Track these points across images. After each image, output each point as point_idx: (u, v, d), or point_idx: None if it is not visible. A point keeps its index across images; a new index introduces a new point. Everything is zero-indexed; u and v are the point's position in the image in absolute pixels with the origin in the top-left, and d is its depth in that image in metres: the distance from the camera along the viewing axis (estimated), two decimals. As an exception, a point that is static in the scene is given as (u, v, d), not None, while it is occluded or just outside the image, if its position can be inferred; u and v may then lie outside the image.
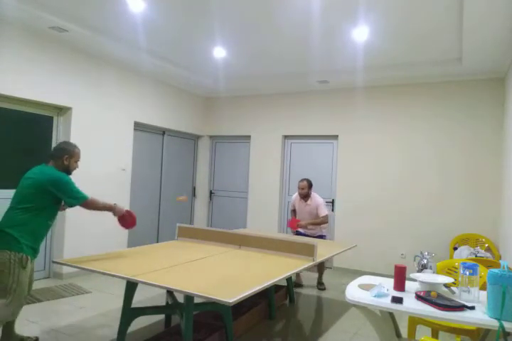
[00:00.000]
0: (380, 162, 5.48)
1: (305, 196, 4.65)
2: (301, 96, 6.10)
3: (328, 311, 3.90)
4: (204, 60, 4.98)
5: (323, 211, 4.58)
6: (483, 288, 2.19)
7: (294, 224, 4.59)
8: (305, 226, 4.63)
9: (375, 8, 3.32)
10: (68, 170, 2.75)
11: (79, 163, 2.85)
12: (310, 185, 4.66)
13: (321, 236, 4.72)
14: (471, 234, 4.84)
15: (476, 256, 4.14)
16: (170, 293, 3.12)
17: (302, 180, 4.65)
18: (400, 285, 2.21)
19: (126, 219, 2.93)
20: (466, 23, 3.34)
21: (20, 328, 3.13)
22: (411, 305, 1.96)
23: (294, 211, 4.85)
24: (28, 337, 2.80)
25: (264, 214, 6.27)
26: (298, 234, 4.76)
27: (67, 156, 2.72)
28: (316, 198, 4.67)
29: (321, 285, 4.72)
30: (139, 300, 3.93)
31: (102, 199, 5.11)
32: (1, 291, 2.45)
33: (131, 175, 5.43)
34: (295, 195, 4.83)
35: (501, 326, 1.71)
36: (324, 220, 4.59)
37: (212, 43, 4.37)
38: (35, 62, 4.17)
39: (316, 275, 5.20)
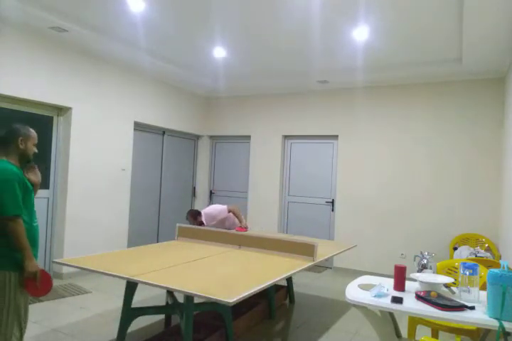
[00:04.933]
0: (380, 162, 5.48)
1: (200, 224, 4.33)
2: (301, 96, 6.11)
3: (328, 311, 3.90)
4: (204, 59, 4.98)
5: (223, 212, 4.37)
6: (483, 288, 2.19)
7: (243, 230, 4.32)
8: (246, 226, 4.38)
9: (375, 7, 3.32)
10: (27, 156, 2.21)
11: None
12: (194, 216, 4.31)
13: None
14: (471, 234, 4.84)
15: (476, 256, 4.14)
16: (170, 293, 3.12)
17: (187, 215, 4.35)
18: (400, 285, 2.20)
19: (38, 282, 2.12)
20: (465, 23, 3.34)
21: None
22: (411, 305, 1.96)
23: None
24: None
25: (264, 214, 6.27)
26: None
27: (22, 138, 2.17)
28: (208, 215, 4.36)
29: None
30: (138, 300, 3.93)
31: (102, 199, 5.13)
32: None
33: (131, 175, 5.43)
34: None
35: (501, 326, 1.71)
36: (233, 210, 4.37)
37: (212, 43, 4.37)
38: (35, 62, 4.17)
39: (315, 275, 5.22)
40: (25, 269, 2.06)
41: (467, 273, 2.02)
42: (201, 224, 4.35)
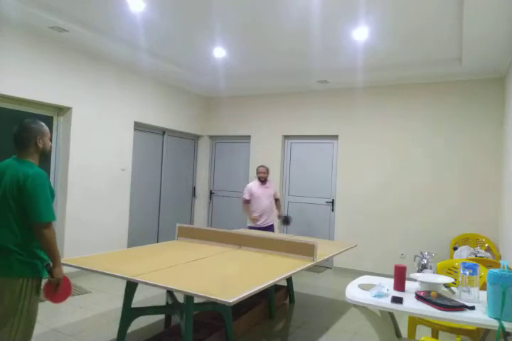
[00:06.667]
0: (380, 162, 5.47)
1: (265, 180, 5.01)
2: (301, 96, 6.10)
3: (328, 311, 3.90)
4: (204, 59, 4.98)
5: (278, 192, 5.19)
6: (483, 288, 2.19)
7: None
8: (281, 213, 5.14)
9: (375, 7, 3.32)
10: (45, 152, 2.17)
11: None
12: (268, 170, 5.07)
13: (272, 226, 5.08)
14: (471, 234, 4.83)
15: (476, 256, 4.14)
16: (170, 293, 3.12)
17: (262, 166, 5.04)
18: (400, 285, 2.20)
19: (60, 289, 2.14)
20: (465, 23, 3.34)
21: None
22: (411, 305, 1.96)
23: (248, 201, 5.00)
24: None
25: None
26: (251, 228, 4.93)
27: (39, 137, 2.10)
28: (271, 181, 5.17)
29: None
30: (139, 300, 3.93)
31: (102, 199, 5.12)
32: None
33: (131, 175, 5.43)
34: (252, 183, 5.06)
35: (501, 326, 1.71)
36: (278, 199, 5.19)
37: (212, 43, 4.37)
38: (35, 62, 4.17)
39: (315, 275, 5.21)
40: (53, 276, 2.06)
41: (467, 273, 2.02)
42: (266, 180, 5.04)
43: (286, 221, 5.07)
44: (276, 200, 5.17)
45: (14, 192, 1.96)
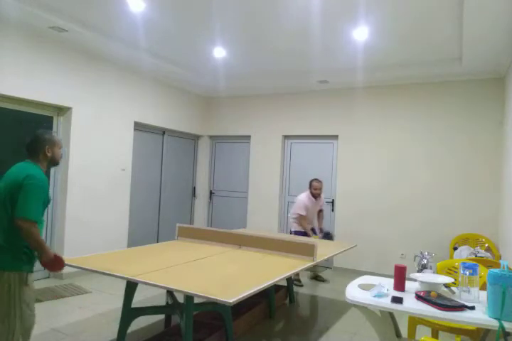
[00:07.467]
0: (380, 162, 5.47)
1: (318, 195, 4.87)
2: (301, 96, 6.10)
3: (328, 311, 3.90)
4: (204, 59, 4.98)
5: (324, 203, 5.12)
6: (483, 288, 2.19)
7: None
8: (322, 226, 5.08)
9: (375, 7, 3.32)
10: (55, 161, 2.30)
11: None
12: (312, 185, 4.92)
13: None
14: (471, 234, 4.83)
15: (476, 256, 4.14)
16: (170, 293, 3.12)
17: (317, 180, 4.83)
18: (400, 285, 2.20)
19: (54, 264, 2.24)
20: (465, 23, 3.34)
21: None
22: (411, 305, 1.96)
23: (304, 217, 4.74)
24: None
25: (264, 214, 6.26)
26: (296, 233, 4.84)
27: (48, 147, 2.24)
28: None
29: (320, 277, 4.90)
30: (139, 300, 3.93)
31: (102, 199, 5.12)
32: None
33: (131, 175, 5.43)
34: (305, 199, 4.79)
35: (501, 326, 1.71)
36: (322, 210, 5.12)
37: (212, 43, 4.37)
38: (35, 62, 4.17)
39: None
40: (41, 264, 2.13)
41: (467, 273, 2.02)
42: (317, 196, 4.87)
43: (328, 237, 4.83)
44: (320, 211, 5.03)
45: (13, 191, 2.05)
